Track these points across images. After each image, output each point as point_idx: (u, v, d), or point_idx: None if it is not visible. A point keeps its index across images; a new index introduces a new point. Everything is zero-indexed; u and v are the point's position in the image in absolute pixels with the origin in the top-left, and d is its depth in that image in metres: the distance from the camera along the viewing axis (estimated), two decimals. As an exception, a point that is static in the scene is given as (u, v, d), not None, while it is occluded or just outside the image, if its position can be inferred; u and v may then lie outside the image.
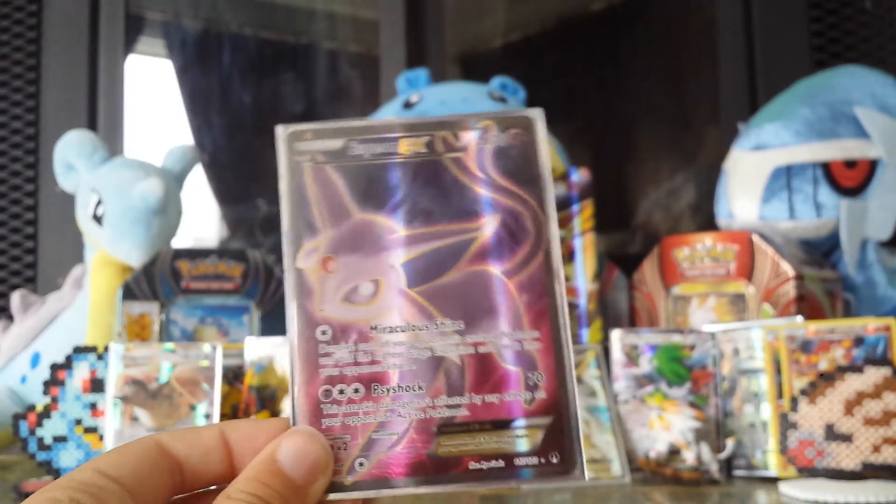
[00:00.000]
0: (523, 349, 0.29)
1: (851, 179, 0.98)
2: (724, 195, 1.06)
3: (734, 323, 0.84)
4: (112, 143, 1.34)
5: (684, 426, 0.76)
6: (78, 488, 0.25)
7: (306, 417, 0.29)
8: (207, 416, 0.70)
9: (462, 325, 0.30)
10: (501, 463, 0.29)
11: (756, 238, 0.92)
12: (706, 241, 0.94)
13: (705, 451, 0.75)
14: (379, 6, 1.49)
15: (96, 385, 0.71)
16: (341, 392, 0.29)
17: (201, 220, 1.61)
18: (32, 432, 0.70)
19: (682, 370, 0.79)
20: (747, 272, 0.92)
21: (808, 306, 0.89)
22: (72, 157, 0.99)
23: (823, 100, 1.01)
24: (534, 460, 0.29)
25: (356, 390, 0.29)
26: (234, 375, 0.77)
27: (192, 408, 0.70)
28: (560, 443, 0.29)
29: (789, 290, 0.89)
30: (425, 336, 0.30)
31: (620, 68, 1.67)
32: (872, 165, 0.98)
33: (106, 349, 0.72)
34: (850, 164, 0.98)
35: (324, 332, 0.29)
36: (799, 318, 0.80)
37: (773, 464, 0.74)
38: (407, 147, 0.31)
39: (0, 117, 1.36)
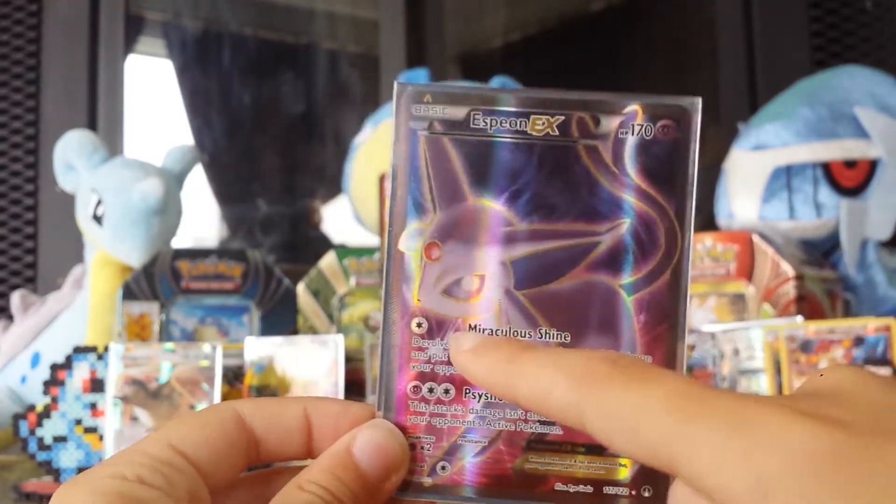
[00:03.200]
0: None
1: (851, 179, 0.98)
2: (724, 195, 1.06)
3: (734, 323, 0.84)
4: (112, 143, 1.34)
5: (684, 426, 0.76)
6: (147, 465, 0.24)
7: (392, 411, 0.27)
8: (207, 416, 0.70)
9: (568, 337, 0.27)
10: (590, 489, 0.27)
11: (756, 238, 0.92)
12: (706, 241, 0.94)
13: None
14: (379, 6, 1.49)
15: (96, 385, 0.71)
16: (431, 390, 0.27)
17: (201, 220, 1.61)
18: (32, 432, 0.70)
19: (682, 370, 0.79)
20: (747, 272, 0.92)
21: (808, 306, 0.89)
22: (72, 157, 0.99)
23: (823, 100, 1.01)
24: (624, 491, 0.27)
25: (446, 391, 0.27)
26: (234, 375, 0.77)
27: (193, 408, 0.70)
28: (655, 477, 0.26)
29: (789, 290, 0.89)
30: None
31: (620, 68, 1.67)
32: (872, 165, 0.98)
33: (106, 349, 0.72)
34: (850, 164, 0.98)
35: (419, 325, 0.27)
36: (799, 318, 0.80)
37: (773, 464, 0.74)
38: (538, 127, 0.27)
39: (0, 117, 1.36)
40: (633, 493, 0.27)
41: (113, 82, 1.40)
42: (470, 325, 0.27)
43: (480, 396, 0.27)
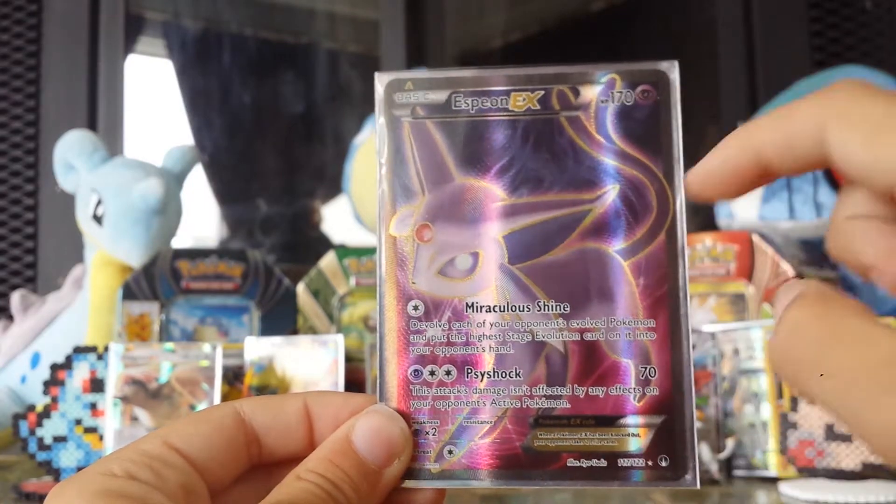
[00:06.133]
0: (636, 339, 0.26)
1: (851, 179, 0.98)
2: (724, 195, 1.06)
3: (734, 323, 0.84)
4: (112, 143, 1.34)
5: (684, 426, 0.76)
6: (138, 461, 0.24)
7: (393, 397, 0.27)
8: (207, 416, 0.70)
9: (568, 308, 0.27)
10: (604, 462, 0.26)
11: (756, 238, 0.92)
12: (706, 241, 0.94)
13: (705, 451, 0.75)
14: (379, 6, 1.49)
15: (96, 385, 0.71)
16: (432, 373, 0.27)
17: (201, 220, 1.61)
18: (32, 432, 0.70)
19: (682, 370, 0.79)
20: (747, 272, 0.92)
21: (808, 306, 0.89)
22: (72, 157, 0.99)
23: (823, 100, 1.01)
24: (640, 462, 0.26)
25: (448, 372, 0.27)
26: (234, 375, 0.77)
27: (193, 408, 0.70)
28: (671, 445, 0.26)
29: (789, 290, 0.89)
30: (526, 318, 0.27)
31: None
32: (872, 165, 0.98)
33: (106, 349, 0.72)
34: (850, 164, 0.98)
35: (416, 308, 0.27)
36: (799, 318, 0.80)
37: (773, 464, 0.74)
38: (519, 103, 0.28)
39: (0, 117, 1.36)
40: (650, 463, 0.26)
41: (113, 82, 1.40)
42: (467, 304, 0.27)
43: (483, 375, 0.27)
